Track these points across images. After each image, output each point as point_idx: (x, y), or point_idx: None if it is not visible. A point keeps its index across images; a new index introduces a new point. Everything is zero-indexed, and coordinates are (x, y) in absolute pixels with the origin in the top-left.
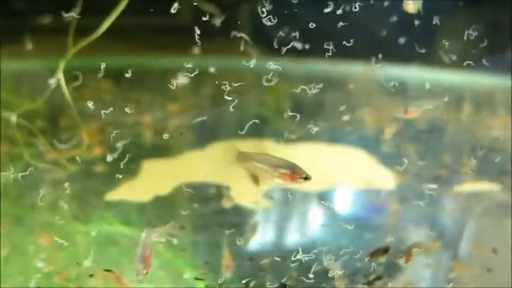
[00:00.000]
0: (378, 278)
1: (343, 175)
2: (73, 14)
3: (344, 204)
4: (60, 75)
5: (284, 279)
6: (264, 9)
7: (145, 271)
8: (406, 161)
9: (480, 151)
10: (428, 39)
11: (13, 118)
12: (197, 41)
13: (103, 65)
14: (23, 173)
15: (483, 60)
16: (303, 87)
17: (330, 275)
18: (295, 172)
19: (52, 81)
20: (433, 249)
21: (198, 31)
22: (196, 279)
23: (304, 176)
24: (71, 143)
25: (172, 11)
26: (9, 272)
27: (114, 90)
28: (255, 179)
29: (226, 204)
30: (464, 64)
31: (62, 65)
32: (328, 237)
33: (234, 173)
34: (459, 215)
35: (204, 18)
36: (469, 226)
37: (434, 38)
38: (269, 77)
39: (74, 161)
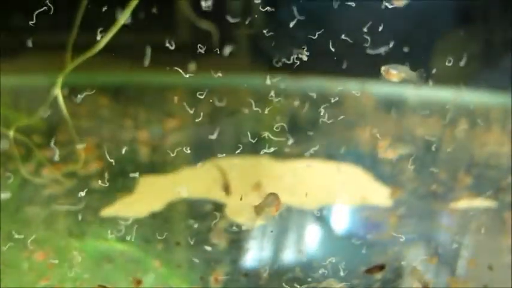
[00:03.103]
0: None
1: (339, 191)
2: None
3: (340, 220)
4: (58, 91)
5: None
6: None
7: None
8: (402, 178)
9: (475, 168)
10: (425, 57)
11: (10, 133)
12: (195, 58)
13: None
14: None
15: (478, 78)
16: (298, 103)
17: None
18: None
19: (50, 96)
20: (429, 266)
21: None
22: None
23: None
24: (67, 158)
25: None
26: (3, 286)
27: (112, 105)
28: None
29: (221, 222)
30: (460, 82)
31: (60, 81)
32: (324, 253)
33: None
34: (455, 231)
35: (201, 37)
36: (465, 242)
37: (431, 56)
38: (270, 95)
39: (70, 176)
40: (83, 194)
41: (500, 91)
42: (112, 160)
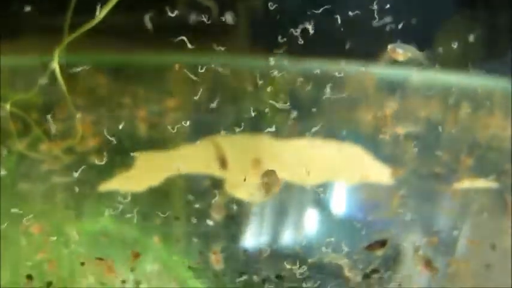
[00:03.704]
0: (375, 271)
1: (340, 170)
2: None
3: (341, 199)
4: (55, 65)
5: (278, 272)
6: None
7: None
8: (403, 157)
9: (477, 150)
10: (429, 40)
11: (7, 107)
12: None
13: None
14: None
15: (482, 62)
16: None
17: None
18: None
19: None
20: (431, 245)
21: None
22: (190, 268)
23: None
24: (65, 135)
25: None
26: (1, 260)
27: (110, 84)
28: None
29: (220, 198)
30: (463, 65)
31: (57, 54)
32: (324, 231)
33: (229, 166)
34: (457, 211)
35: (201, 13)
36: (467, 222)
37: (435, 40)
38: (272, 72)
39: (68, 152)
40: (80, 169)
41: (504, 76)
42: (110, 136)
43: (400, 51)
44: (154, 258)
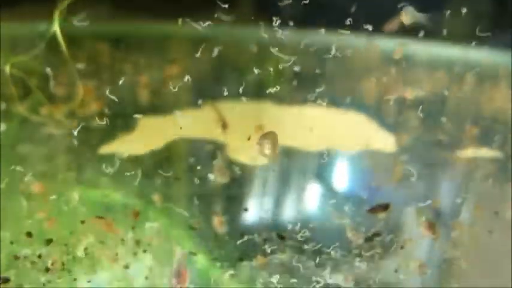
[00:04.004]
0: (377, 234)
1: (343, 136)
2: None
3: (344, 164)
4: (56, 27)
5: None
6: None
7: (179, 286)
8: (407, 125)
9: (482, 120)
10: (434, 13)
11: (6, 69)
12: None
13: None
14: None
15: (487, 35)
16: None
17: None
18: None
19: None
20: (434, 209)
21: None
22: (191, 227)
23: None
24: (66, 99)
25: None
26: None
27: (112, 52)
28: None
29: (222, 160)
30: (468, 38)
31: (56, 16)
32: (328, 195)
33: (230, 130)
34: (460, 178)
35: None
36: (471, 189)
37: (439, 12)
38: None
39: (70, 116)
40: (80, 130)
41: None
42: (111, 101)
43: (407, 13)
44: (154, 217)
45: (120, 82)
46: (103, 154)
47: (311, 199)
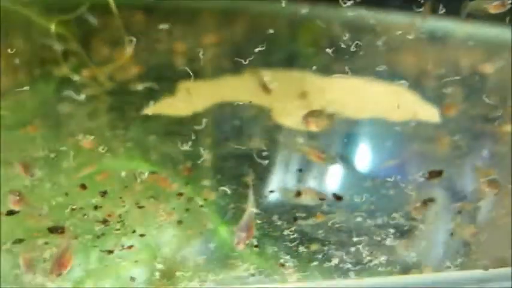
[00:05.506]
0: (431, 199)
1: (388, 107)
2: None
3: (389, 134)
4: None
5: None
6: None
7: (247, 240)
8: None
9: None
10: None
11: (52, 27)
12: None
13: None
14: None
15: None
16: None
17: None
18: None
19: None
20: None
21: None
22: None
23: None
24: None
25: None
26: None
27: (147, 21)
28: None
29: (266, 124)
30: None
31: None
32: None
33: (275, 95)
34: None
35: None
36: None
37: None
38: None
39: (111, 78)
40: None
41: None
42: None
43: None
44: (205, 172)
45: (156, 49)
46: (148, 115)
47: (360, 163)
